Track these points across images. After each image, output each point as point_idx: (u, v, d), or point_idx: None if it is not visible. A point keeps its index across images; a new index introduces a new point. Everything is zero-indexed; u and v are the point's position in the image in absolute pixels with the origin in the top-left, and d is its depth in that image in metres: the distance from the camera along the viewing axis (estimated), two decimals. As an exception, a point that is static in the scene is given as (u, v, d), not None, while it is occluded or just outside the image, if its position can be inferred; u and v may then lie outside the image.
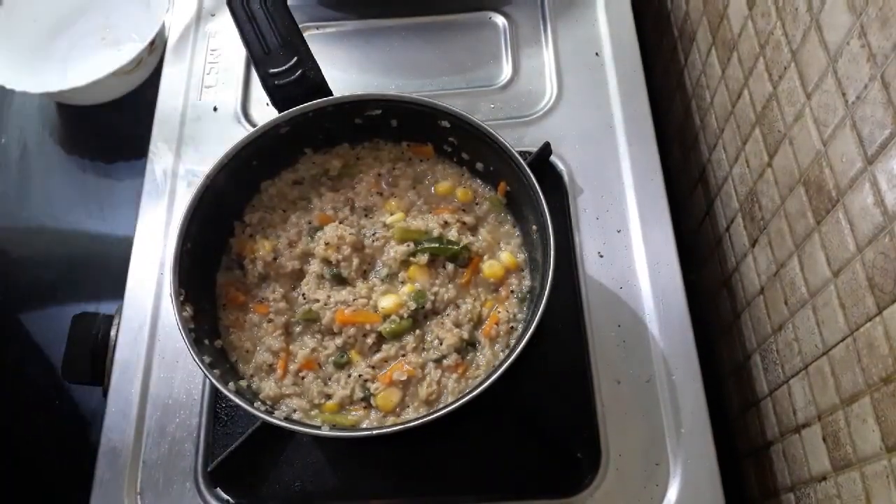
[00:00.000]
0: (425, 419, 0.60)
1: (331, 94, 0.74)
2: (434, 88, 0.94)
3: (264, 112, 0.92)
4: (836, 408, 0.63)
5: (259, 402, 0.65)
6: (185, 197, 0.79)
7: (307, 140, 0.77)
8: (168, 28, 1.00)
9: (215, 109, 0.94)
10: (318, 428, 0.64)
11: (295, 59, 0.73)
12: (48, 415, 0.84)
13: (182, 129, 0.92)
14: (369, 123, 0.76)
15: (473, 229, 0.75)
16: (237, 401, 0.62)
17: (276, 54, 0.73)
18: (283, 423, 0.62)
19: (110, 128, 0.99)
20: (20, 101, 1.03)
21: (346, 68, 0.97)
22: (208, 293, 0.72)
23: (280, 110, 0.73)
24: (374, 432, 0.62)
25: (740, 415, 0.85)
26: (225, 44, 0.99)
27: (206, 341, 0.67)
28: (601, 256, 0.81)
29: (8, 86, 0.92)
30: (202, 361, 0.62)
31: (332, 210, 0.76)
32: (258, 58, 0.74)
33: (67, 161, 1.00)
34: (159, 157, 0.90)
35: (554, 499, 0.69)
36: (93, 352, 0.77)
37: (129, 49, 0.95)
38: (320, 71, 0.74)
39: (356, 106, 0.74)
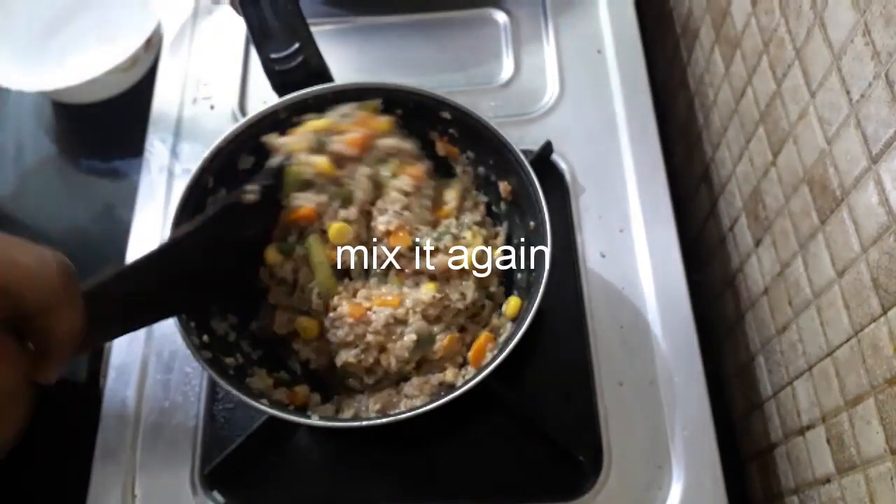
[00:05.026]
0: (415, 412, 0.60)
1: (332, 80, 0.74)
2: (434, 86, 0.91)
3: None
4: (841, 409, 0.62)
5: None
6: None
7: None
8: (164, 25, 0.99)
9: (212, 108, 0.93)
10: (308, 417, 0.64)
11: (297, 44, 0.73)
12: (43, 417, 0.83)
13: (178, 127, 0.91)
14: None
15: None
16: (210, 371, 0.62)
17: (278, 38, 0.73)
18: (262, 406, 0.61)
19: (106, 126, 0.98)
20: (16, 100, 1.02)
21: (344, 66, 0.95)
22: None
23: (280, 95, 0.73)
24: (364, 423, 0.61)
25: (744, 417, 0.84)
26: (222, 41, 0.98)
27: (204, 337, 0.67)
28: (603, 256, 0.80)
29: (3, 84, 0.91)
30: (192, 343, 0.63)
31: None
32: (259, 41, 0.73)
33: (63, 160, 0.99)
34: (155, 155, 0.89)
35: (555, 502, 0.68)
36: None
37: (125, 46, 0.94)
38: (322, 58, 0.74)
39: (356, 94, 0.74)
